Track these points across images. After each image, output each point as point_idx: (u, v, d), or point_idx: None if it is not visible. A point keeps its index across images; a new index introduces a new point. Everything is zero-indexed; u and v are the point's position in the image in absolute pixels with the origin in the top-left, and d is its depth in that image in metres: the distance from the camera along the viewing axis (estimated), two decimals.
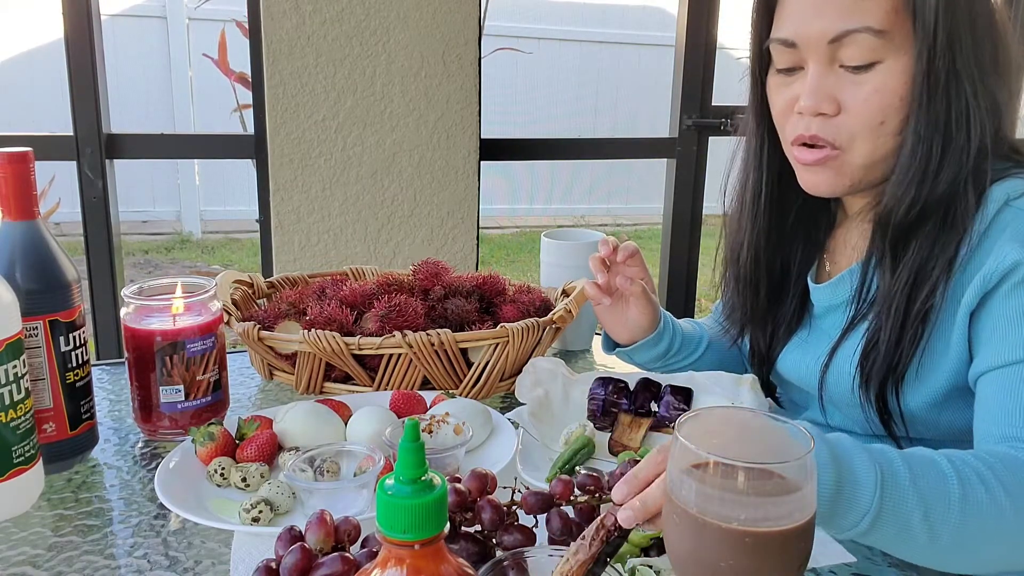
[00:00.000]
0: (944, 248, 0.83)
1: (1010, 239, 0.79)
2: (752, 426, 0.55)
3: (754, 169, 0.99)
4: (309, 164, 2.08)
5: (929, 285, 0.83)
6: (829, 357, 0.93)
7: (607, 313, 1.10)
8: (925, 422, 0.89)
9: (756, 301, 1.03)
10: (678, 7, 2.41)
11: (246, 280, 1.27)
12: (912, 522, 0.66)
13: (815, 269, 1.02)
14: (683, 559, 0.52)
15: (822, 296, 0.98)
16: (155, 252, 5.44)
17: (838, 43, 0.83)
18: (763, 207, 0.99)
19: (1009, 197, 0.82)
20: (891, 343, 0.85)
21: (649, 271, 1.12)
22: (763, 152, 0.97)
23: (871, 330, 0.88)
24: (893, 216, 0.85)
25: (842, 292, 0.95)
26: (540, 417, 0.96)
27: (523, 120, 6.12)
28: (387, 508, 0.45)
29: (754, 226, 1.00)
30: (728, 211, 1.05)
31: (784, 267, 1.02)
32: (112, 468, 0.92)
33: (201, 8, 5.09)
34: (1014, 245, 0.78)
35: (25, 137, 2.06)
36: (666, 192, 2.54)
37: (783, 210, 0.99)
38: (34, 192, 0.86)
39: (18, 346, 0.79)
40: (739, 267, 1.03)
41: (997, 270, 0.78)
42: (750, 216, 1.00)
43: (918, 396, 0.87)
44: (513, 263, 5.54)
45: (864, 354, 0.88)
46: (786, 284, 1.02)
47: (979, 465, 0.70)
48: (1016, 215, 0.81)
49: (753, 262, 1.01)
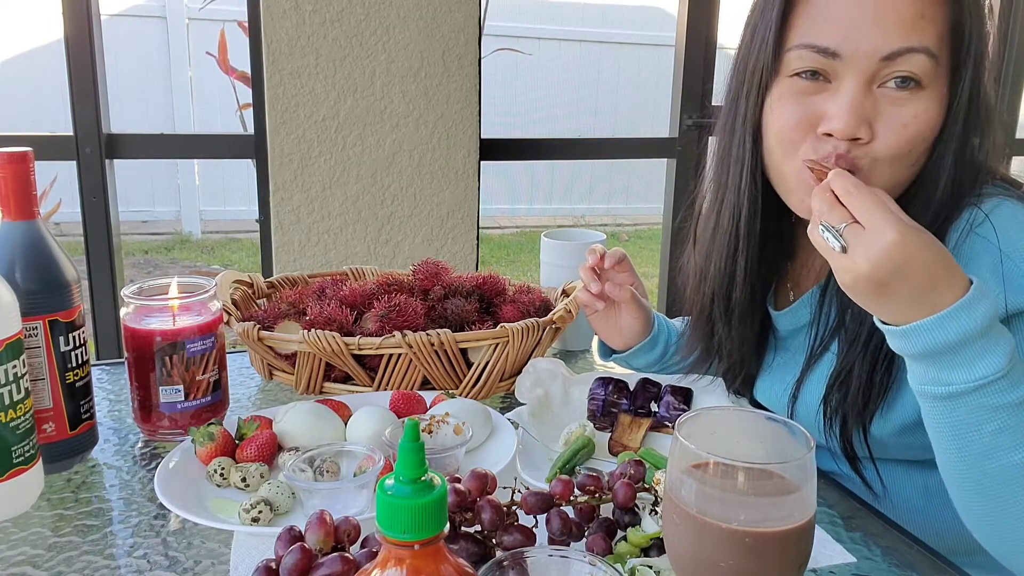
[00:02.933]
0: None
1: (994, 280, 0.75)
2: (752, 426, 0.55)
3: (734, 190, 0.88)
4: (309, 164, 2.08)
5: None
6: (797, 387, 0.91)
7: (600, 320, 1.10)
8: (895, 446, 0.86)
9: (729, 320, 0.94)
10: (678, 7, 2.41)
11: (246, 280, 1.27)
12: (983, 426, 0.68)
13: (772, 295, 0.99)
14: (683, 559, 0.52)
15: (785, 321, 0.96)
16: (155, 252, 5.44)
17: (890, 61, 0.75)
18: (757, 232, 0.89)
19: (972, 224, 0.79)
20: (863, 382, 0.82)
21: (639, 276, 1.12)
22: (756, 173, 0.86)
23: (839, 365, 0.84)
24: None
25: (804, 315, 0.92)
26: (540, 417, 0.96)
27: (523, 120, 6.12)
28: (387, 508, 0.45)
29: (747, 254, 0.89)
30: (700, 230, 0.96)
31: (750, 285, 0.93)
32: (112, 468, 0.92)
33: (203, 8, 5.09)
34: (1006, 290, 0.75)
35: (25, 137, 2.06)
36: (666, 192, 2.55)
37: (756, 225, 0.90)
38: (34, 192, 0.86)
39: (18, 346, 0.79)
40: (731, 302, 0.93)
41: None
42: (744, 244, 0.89)
43: (886, 427, 0.84)
44: (513, 263, 5.54)
45: (830, 389, 0.85)
46: (749, 308, 0.95)
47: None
48: (986, 247, 0.77)
49: (749, 295, 0.92)
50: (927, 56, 0.75)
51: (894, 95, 0.77)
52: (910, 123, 0.77)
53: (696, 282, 0.97)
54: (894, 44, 0.75)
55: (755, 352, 0.99)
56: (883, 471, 0.88)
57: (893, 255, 0.66)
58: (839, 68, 0.77)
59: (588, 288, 1.06)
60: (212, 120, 5.58)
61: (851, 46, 0.76)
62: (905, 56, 0.75)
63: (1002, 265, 0.76)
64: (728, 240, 0.90)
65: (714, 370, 1.04)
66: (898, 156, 0.78)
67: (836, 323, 0.86)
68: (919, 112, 0.77)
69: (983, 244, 0.78)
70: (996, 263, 0.76)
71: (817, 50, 0.77)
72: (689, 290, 1.00)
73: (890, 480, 0.89)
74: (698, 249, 0.97)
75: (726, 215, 0.90)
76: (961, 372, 0.67)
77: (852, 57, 0.76)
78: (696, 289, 0.97)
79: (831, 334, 0.87)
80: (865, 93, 0.77)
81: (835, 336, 0.87)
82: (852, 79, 0.77)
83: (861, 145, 0.78)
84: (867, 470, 0.88)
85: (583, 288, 1.07)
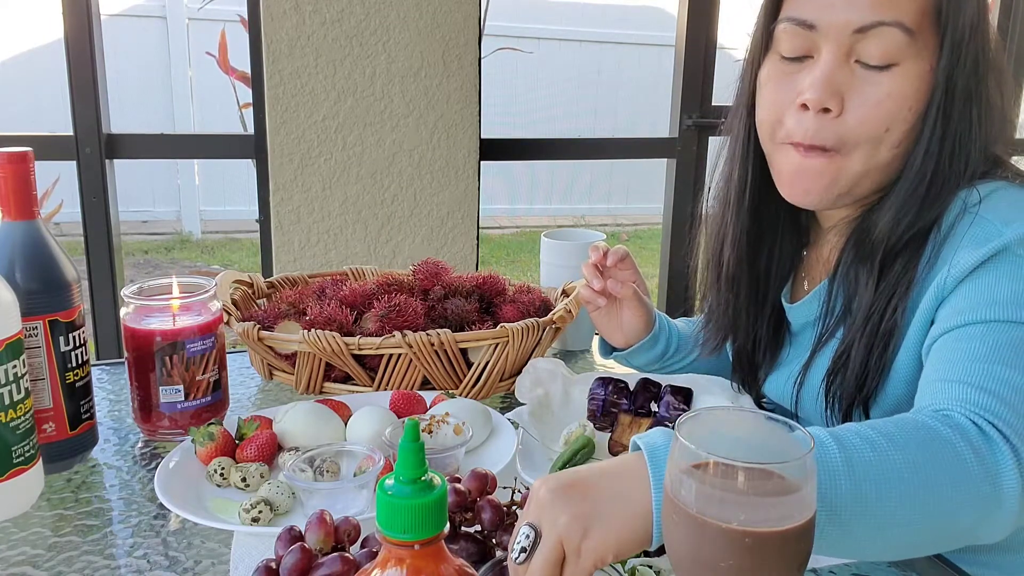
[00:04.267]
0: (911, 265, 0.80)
1: (965, 246, 0.76)
2: (752, 426, 0.55)
3: (740, 162, 0.92)
4: (309, 164, 2.08)
5: (892, 305, 0.80)
6: (802, 375, 0.91)
7: (601, 318, 1.10)
8: None
9: (738, 303, 0.97)
10: (678, 7, 2.41)
11: (246, 280, 1.27)
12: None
13: (790, 287, 0.99)
14: (683, 559, 0.52)
15: (798, 314, 0.96)
16: (155, 252, 5.44)
17: (863, 34, 0.77)
18: (747, 204, 0.92)
19: (966, 206, 0.78)
20: (860, 362, 0.82)
21: (641, 274, 1.12)
22: (750, 144, 0.90)
23: (840, 348, 0.84)
24: (890, 237, 0.81)
25: (815, 309, 0.92)
26: (540, 417, 0.96)
27: (523, 120, 6.12)
28: (387, 508, 0.45)
29: (738, 222, 0.93)
30: (710, 210, 0.99)
31: (766, 272, 0.96)
32: (112, 468, 0.92)
33: (201, 8, 5.09)
34: (967, 250, 0.75)
35: (25, 137, 2.06)
36: (666, 192, 2.55)
37: (768, 210, 0.93)
38: (34, 192, 0.86)
39: (18, 346, 0.79)
40: (721, 267, 0.96)
41: (951, 276, 0.75)
42: (734, 212, 0.93)
43: (885, 410, 0.84)
44: (513, 263, 5.54)
45: (832, 371, 0.85)
46: (766, 296, 0.97)
47: (866, 431, 0.64)
48: (972, 220, 0.77)
49: (736, 262, 0.95)
50: (901, 30, 0.76)
51: (868, 72, 0.79)
52: (883, 101, 0.78)
53: (715, 253, 1.00)
54: (867, 17, 0.77)
55: (770, 347, 0.99)
56: None
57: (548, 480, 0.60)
58: (818, 41, 0.80)
59: (591, 285, 1.06)
60: (212, 120, 5.58)
61: (826, 18, 0.79)
62: (877, 29, 0.77)
63: (971, 225, 0.76)
64: (722, 210, 0.95)
65: (727, 368, 1.05)
66: (876, 134, 0.79)
67: (842, 312, 0.86)
68: (893, 90, 0.78)
69: (969, 219, 0.77)
70: (971, 236, 0.76)
71: (797, 22, 0.81)
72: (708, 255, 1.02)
73: None
74: (706, 226, 1.01)
75: (723, 187, 0.95)
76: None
77: (827, 29, 0.79)
78: (703, 264, 1.01)
79: (837, 323, 0.87)
80: (840, 65, 0.79)
81: (840, 325, 0.87)
82: (828, 51, 0.79)
83: (831, 119, 0.79)
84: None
85: (585, 285, 1.07)
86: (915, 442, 0.64)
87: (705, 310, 1.04)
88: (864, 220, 0.85)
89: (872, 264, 0.82)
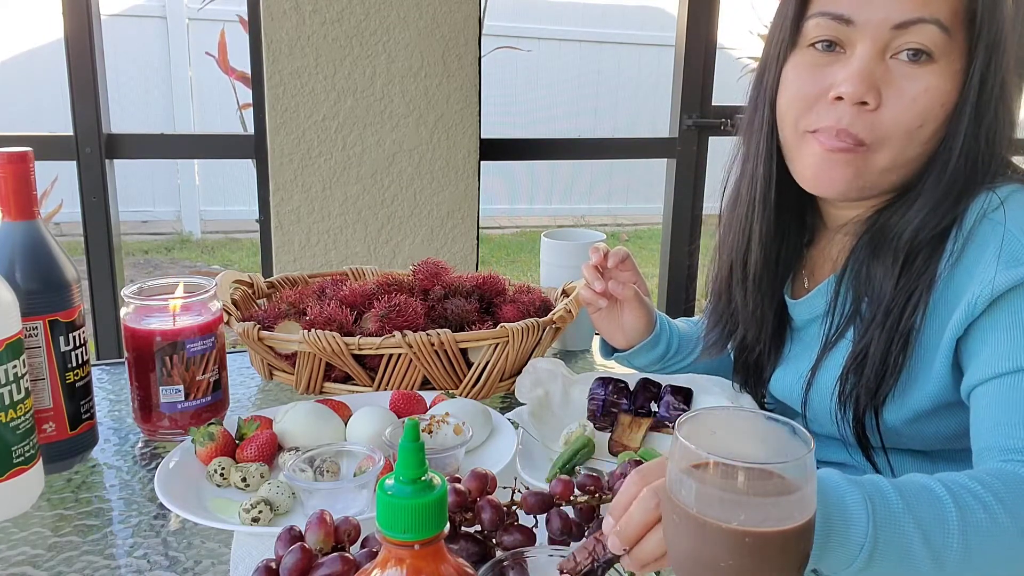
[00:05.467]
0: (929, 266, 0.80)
1: (993, 259, 0.75)
2: (752, 426, 0.55)
3: (764, 159, 0.90)
4: (309, 164, 2.08)
5: (912, 304, 0.80)
6: (812, 374, 0.90)
7: (602, 319, 1.10)
8: (908, 435, 0.86)
9: (764, 303, 0.95)
10: (678, 7, 2.41)
11: (246, 280, 1.27)
12: (913, 551, 0.63)
13: (790, 283, 0.99)
14: (683, 559, 0.52)
15: (801, 311, 0.95)
16: (155, 252, 5.44)
17: (903, 30, 0.78)
18: (773, 200, 0.91)
19: (986, 210, 0.79)
20: (878, 360, 0.82)
21: (642, 274, 1.12)
22: (774, 139, 0.89)
23: (856, 348, 0.84)
24: (918, 233, 0.81)
25: (819, 305, 0.92)
26: (540, 417, 0.96)
27: (523, 120, 6.12)
28: (387, 508, 0.45)
29: (764, 219, 0.92)
30: (726, 211, 0.98)
31: (766, 258, 0.95)
32: (112, 468, 0.92)
33: (201, 8, 5.09)
34: (999, 267, 0.75)
35: (25, 137, 2.06)
36: (666, 192, 2.54)
37: (786, 206, 0.93)
38: (34, 192, 0.86)
39: (18, 346, 0.79)
40: (747, 266, 0.94)
41: (983, 295, 0.75)
42: (759, 210, 0.91)
43: (899, 414, 0.84)
44: (513, 263, 5.54)
45: (846, 372, 0.85)
46: (775, 293, 0.97)
47: (975, 486, 0.66)
48: (995, 229, 0.77)
49: (763, 261, 0.93)
50: (938, 28, 0.77)
51: (905, 67, 0.79)
52: (919, 96, 0.79)
53: (717, 255, 0.99)
54: (906, 13, 0.77)
55: (773, 343, 0.98)
56: (894, 461, 0.88)
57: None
58: (853, 36, 0.80)
59: (592, 287, 1.06)
60: (212, 120, 5.58)
61: (864, 14, 0.79)
62: (917, 26, 0.77)
63: (1003, 240, 0.76)
64: (747, 209, 0.93)
65: (727, 368, 1.04)
66: (908, 131, 0.80)
67: (851, 311, 0.86)
68: (929, 86, 0.79)
69: (993, 228, 0.78)
70: (1003, 249, 0.76)
71: (832, 17, 0.80)
72: (710, 265, 1.02)
73: (901, 470, 0.88)
74: (723, 224, 0.99)
75: (745, 184, 0.93)
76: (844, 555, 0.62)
77: (865, 24, 0.79)
78: (717, 261, 1.00)
79: (846, 322, 0.87)
80: (877, 60, 0.79)
81: (850, 324, 0.86)
82: (864, 46, 0.79)
83: (867, 112, 0.79)
84: (878, 458, 0.88)
85: (586, 286, 1.07)
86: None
87: (710, 310, 1.03)
88: (880, 219, 0.85)
89: (894, 261, 0.82)
